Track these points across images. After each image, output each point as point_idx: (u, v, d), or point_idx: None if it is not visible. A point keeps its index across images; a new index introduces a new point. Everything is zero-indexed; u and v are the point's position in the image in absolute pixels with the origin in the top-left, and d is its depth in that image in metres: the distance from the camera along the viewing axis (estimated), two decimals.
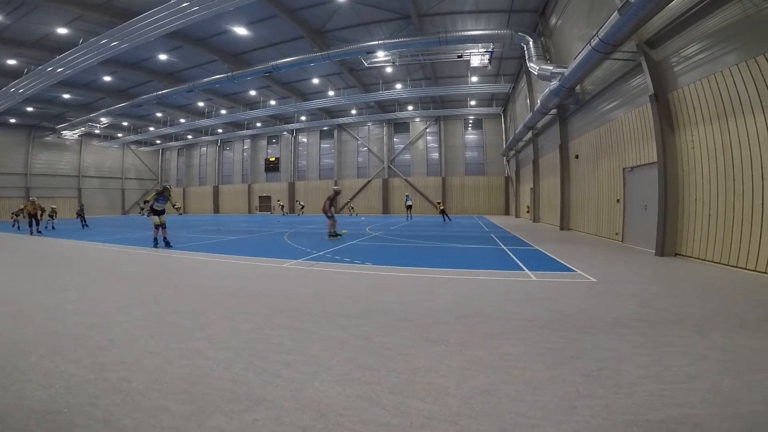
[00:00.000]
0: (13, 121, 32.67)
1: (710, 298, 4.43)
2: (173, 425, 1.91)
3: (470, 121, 34.11)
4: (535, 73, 14.45)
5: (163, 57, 21.46)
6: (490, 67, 20.95)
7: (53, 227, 17.85)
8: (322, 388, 2.31)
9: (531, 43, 15.39)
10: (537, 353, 2.84)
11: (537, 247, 9.30)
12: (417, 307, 4.15)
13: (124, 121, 35.64)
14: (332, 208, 11.59)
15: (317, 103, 28.72)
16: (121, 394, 2.22)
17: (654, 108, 7.99)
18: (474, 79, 25.47)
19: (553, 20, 15.74)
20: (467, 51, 18.94)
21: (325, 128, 37.87)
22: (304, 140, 39.54)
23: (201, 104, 32.17)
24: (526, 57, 15.67)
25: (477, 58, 19.07)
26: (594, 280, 5.49)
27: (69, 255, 9.09)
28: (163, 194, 10.15)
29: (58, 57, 16.49)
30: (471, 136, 34.20)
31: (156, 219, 9.98)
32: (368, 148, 36.62)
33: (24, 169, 34.97)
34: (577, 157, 13.67)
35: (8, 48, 18.23)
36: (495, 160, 32.83)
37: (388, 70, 23.66)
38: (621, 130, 10.15)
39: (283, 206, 36.78)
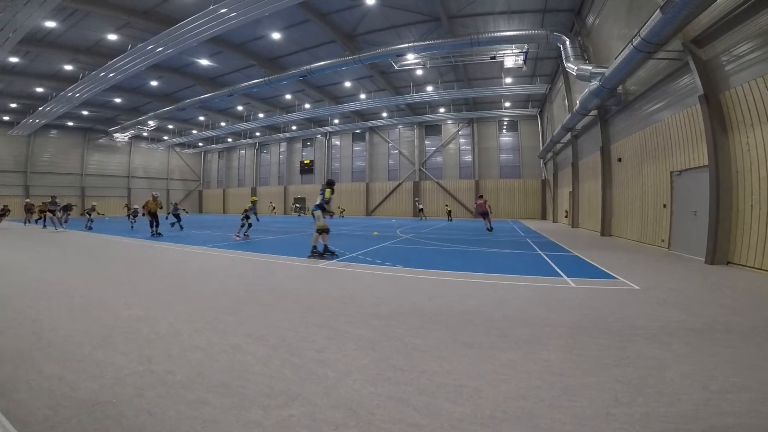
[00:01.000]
0: (70, 124, 35.41)
1: (764, 308, 4.15)
2: (213, 418, 1.98)
3: (505, 123, 33.32)
4: (574, 74, 14.00)
5: (204, 62, 22.50)
6: (525, 68, 20.44)
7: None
8: (354, 387, 2.34)
9: (568, 42, 14.91)
10: (574, 360, 2.76)
11: (576, 253, 8.97)
12: (449, 309, 4.12)
13: (170, 125, 37.71)
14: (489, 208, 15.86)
15: (349, 106, 29.12)
16: (166, 387, 2.32)
17: (704, 109, 7.54)
18: (508, 80, 24.85)
19: (590, 19, 15.18)
20: (500, 52, 18.57)
21: (357, 131, 38.33)
22: (337, 143, 40.19)
23: (240, 108, 33.45)
24: (563, 57, 15.20)
25: (511, 59, 18.64)
26: (637, 287, 5.24)
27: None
28: (332, 188, 8.09)
29: (109, 62, 17.71)
30: (506, 138, 33.38)
31: (322, 222, 7.82)
32: (399, 151, 36.64)
33: (80, 169, 37.72)
34: (620, 160, 13.10)
35: (65, 53, 19.74)
36: (531, 163, 31.90)
37: (419, 72, 23.63)
38: (668, 132, 9.65)
39: (343, 210, 35.51)
